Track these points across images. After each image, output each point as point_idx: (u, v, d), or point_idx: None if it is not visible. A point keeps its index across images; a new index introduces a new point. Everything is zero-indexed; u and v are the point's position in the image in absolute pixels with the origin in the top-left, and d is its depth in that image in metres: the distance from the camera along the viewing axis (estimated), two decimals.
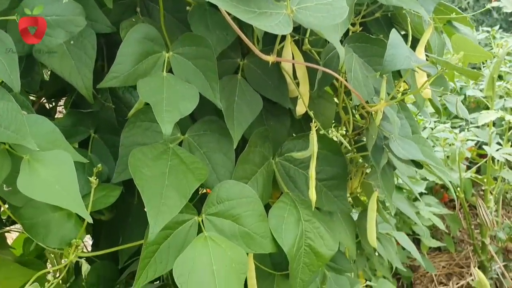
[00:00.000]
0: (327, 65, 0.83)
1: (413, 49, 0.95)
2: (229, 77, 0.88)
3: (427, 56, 0.89)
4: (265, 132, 0.93)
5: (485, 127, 2.56)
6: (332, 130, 0.82)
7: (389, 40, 0.75)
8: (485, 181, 2.36)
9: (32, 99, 1.02)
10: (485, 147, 2.24)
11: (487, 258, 2.42)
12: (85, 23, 0.74)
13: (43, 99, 1.05)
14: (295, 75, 0.91)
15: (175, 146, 0.81)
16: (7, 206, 0.80)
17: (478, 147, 2.78)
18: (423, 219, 2.19)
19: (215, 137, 0.87)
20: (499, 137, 2.61)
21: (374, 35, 0.93)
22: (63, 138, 0.70)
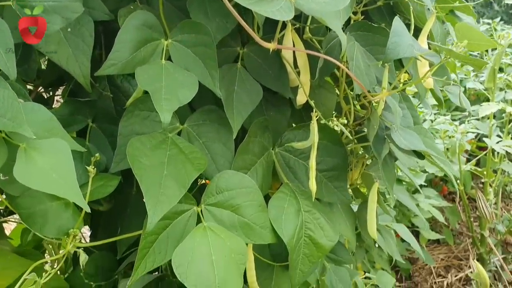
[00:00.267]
0: (328, 53, 0.82)
1: (415, 38, 0.94)
2: (229, 65, 0.87)
3: (430, 44, 0.88)
4: (265, 122, 0.92)
5: (485, 120, 2.56)
6: (334, 119, 0.81)
7: (392, 27, 0.74)
8: (485, 173, 2.36)
9: (29, 88, 1.01)
10: (485, 139, 2.23)
11: (486, 250, 2.42)
12: (83, 9, 0.73)
13: (40, 88, 1.04)
14: (296, 64, 0.89)
15: (174, 135, 0.80)
16: (4, 196, 0.79)
17: (477, 140, 2.78)
18: (422, 211, 2.19)
19: (215, 127, 0.86)
20: (499, 130, 2.60)
21: (375, 24, 0.91)
22: (60, 126, 0.69)
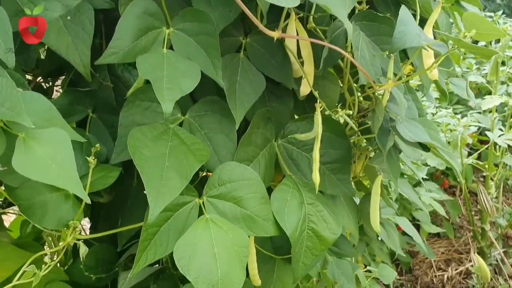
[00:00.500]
0: (333, 43, 0.81)
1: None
2: (231, 55, 0.85)
3: (438, 33, 0.86)
4: (267, 113, 0.90)
5: (487, 113, 2.54)
6: (339, 109, 0.79)
7: (399, 16, 0.72)
8: (486, 167, 2.34)
9: (28, 78, 0.99)
10: (487, 132, 2.22)
11: (487, 244, 2.42)
12: None
13: (40, 78, 1.03)
14: (299, 55, 0.88)
15: (175, 126, 0.79)
16: (3, 187, 0.78)
17: (479, 134, 2.77)
18: (423, 204, 2.18)
19: (217, 118, 0.85)
20: (501, 124, 2.59)
21: (381, 14, 0.90)
22: (60, 116, 0.67)
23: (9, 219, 1.26)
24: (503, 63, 2.90)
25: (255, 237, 0.92)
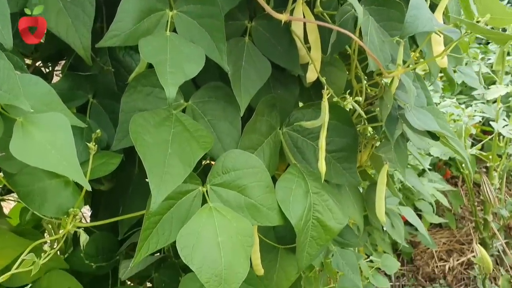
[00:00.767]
0: (341, 27, 0.78)
1: None
2: (236, 40, 0.83)
3: (451, 17, 0.84)
4: (272, 100, 0.88)
5: (491, 104, 2.52)
6: (347, 96, 0.77)
7: (410, 0, 0.70)
8: (490, 157, 2.33)
9: (27, 63, 0.97)
10: (492, 123, 2.19)
11: (489, 235, 2.41)
12: None
13: (39, 62, 1.00)
14: (306, 40, 0.85)
15: (178, 112, 0.77)
16: (1, 173, 0.76)
17: (482, 124, 2.74)
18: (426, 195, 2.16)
19: (221, 105, 0.83)
20: (505, 114, 2.57)
21: None
22: (59, 100, 0.65)
23: (8, 206, 1.25)
24: (509, 53, 2.87)
25: (258, 226, 0.90)
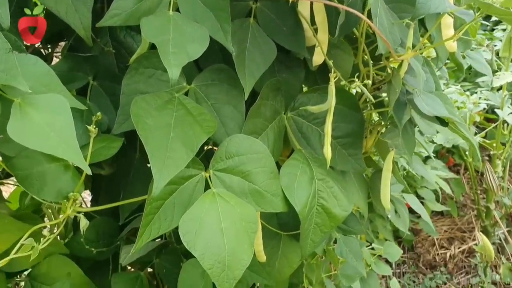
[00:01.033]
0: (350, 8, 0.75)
1: None
2: (241, 21, 0.80)
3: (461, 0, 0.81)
4: (277, 83, 0.86)
5: (495, 91, 2.49)
6: (355, 79, 0.75)
7: None
8: (494, 145, 2.31)
9: (26, 44, 0.95)
10: (497, 110, 2.17)
11: (491, 223, 2.40)
12: None
13: (39, 44, 0.98)
14: (313, 21, 0.83)
15: (181, 95, 0.75)
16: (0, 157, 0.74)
17: (485, 112, 2.72)
18: (428, 182, 2.15)
19: (224, 88, 0.81)
20: (510, 102, 2.54)
21: None
22: (58, 81, 0.63)
23: (8, 190, 1.23)
24: None
25: (261, 213, 0.88)
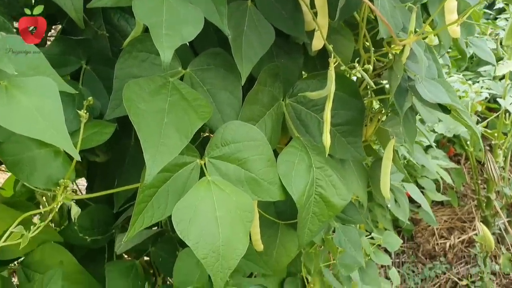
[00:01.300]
0: None
1: None
2: (238, 3, 0.77)
3: None
4: (275, 69, 0.83)
5: (497, 80, 2.46)
6: (356, 64, 0.72)
7: None
8: (495, 135, 2.28)
9: (17, 27, 0.92)
10: (499, 99, 2.15)
11: (491, 213, 2.39)
12: None
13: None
14: (312, 5, 0.80)
15: (175, 80, 0.72)
16: None
17: (487, 101, 2.69)
18: (429, 172, 2.13)
19: (220, 73, 0.78)
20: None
21: None
22: (48, 64, 0.61)
23: (4, 176, 1.22)
24: None
25: (258, 201, 0.87)
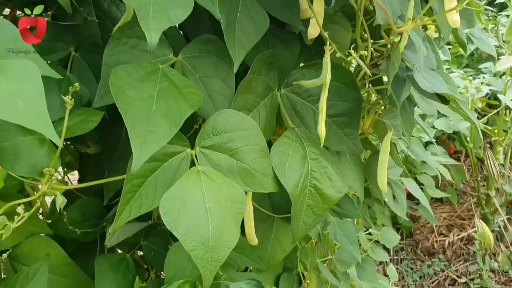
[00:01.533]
0: None
1: None
2: None
3: None
4: (270, 57, 0.81)
5: (498, 77, 2.44)
6: (352, 51, 0.70)
7: None
8: (495, 132, 2.26)
9: (5, 14, 0.90)
10: (499, 95, 2.12)
11: (491, 211, 2.37)
12: None
13: (20, 13, 0.93)
14: None
15: (165, 67, 0.70)
16: None
17: (487, 98, 2.68)
18: (429, 168, 2.11)
19: (213, 60, 0.76)
20: None
21: None
22: (31, 47, 0.59)
23: None
24: None
25: (253, 194, 0.85)
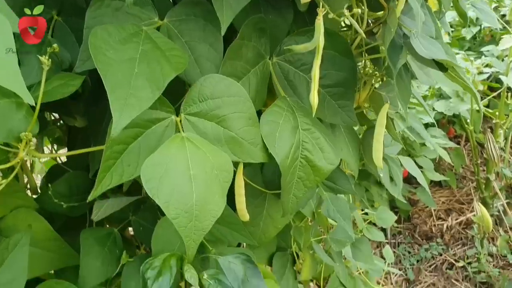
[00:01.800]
0: None
1: None
2: None
3: None
4: (261, 22, 0.77)
5: (500, 61, 2.40)
6: (345, 11, 0.66)
7: None
8: (496, 114, 2.23)
9: None
10: (501, 77, 2.08)
11: (490, 195, 2.34)
12: None
13: None
14: None
15: (149, 28, 0.67)
16: None
17: (489, 81, 2.64)
18: (428, 151, 2.08)
19: (200, 24, 0.72)
20: None
21: None
22: (3, 1, 0.55)
23: None
24: None
25: (244, 169, 0.82)
